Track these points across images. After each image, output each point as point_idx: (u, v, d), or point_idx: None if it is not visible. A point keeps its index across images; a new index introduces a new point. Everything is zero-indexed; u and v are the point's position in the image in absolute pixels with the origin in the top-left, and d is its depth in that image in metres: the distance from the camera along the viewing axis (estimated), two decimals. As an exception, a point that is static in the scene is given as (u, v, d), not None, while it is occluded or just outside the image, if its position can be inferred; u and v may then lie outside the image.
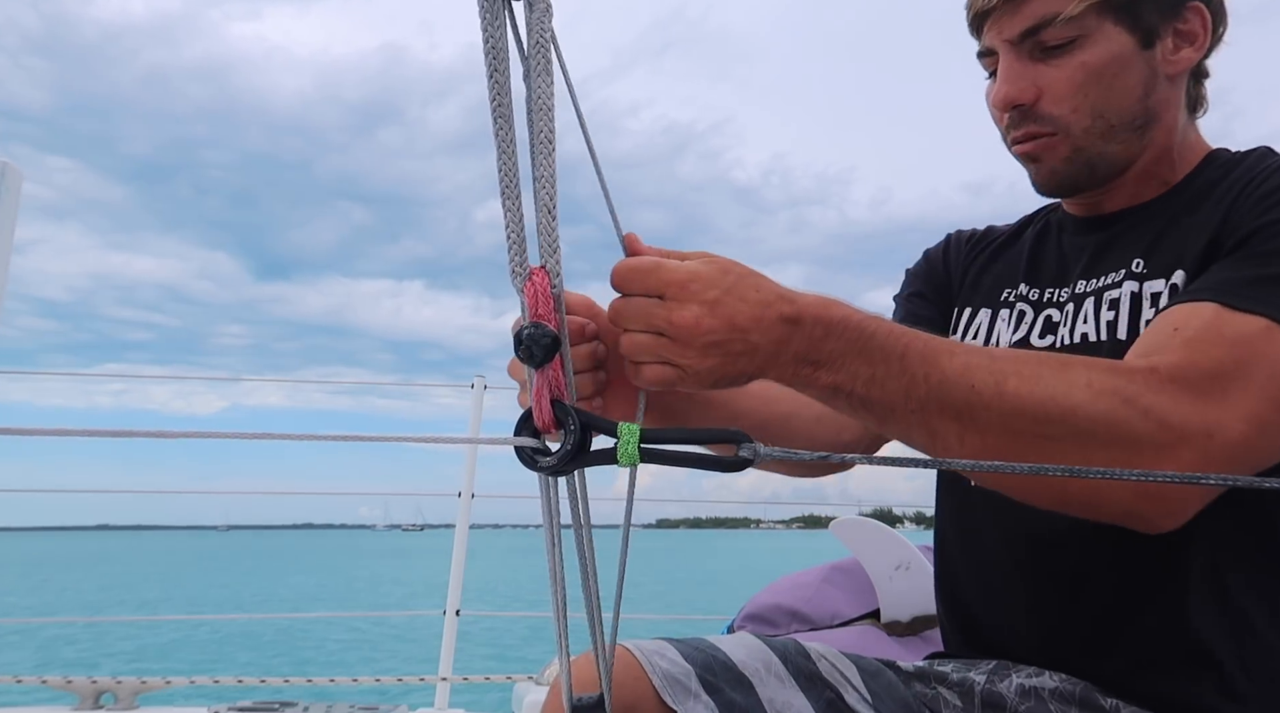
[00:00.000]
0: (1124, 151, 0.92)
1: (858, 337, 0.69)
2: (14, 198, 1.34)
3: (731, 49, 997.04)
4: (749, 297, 0.66)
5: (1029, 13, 0.89)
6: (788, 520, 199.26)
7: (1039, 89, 0.90)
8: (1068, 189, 0.96)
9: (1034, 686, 0.88)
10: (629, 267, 0.66)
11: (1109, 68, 0.88)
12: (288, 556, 55.97)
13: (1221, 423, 0.70)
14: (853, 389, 0.69)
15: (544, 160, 0.59)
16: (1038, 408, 0.69)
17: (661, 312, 0.64)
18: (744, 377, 0.68)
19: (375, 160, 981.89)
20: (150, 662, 10.72)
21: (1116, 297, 0.90)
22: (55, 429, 0.51)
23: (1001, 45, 0.92)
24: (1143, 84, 0.90)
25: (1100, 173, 0.93)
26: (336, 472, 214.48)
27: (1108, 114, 0.90)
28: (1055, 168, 0.93)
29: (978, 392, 0.69)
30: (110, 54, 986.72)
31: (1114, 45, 0.88)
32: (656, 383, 0.66)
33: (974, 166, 70.40)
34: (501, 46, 0.56)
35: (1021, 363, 0.72)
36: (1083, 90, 0.89)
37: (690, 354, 0.65)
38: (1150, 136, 0.92)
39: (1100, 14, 0.87)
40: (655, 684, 0.81)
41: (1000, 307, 1.03)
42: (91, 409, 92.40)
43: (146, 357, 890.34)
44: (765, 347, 0.66)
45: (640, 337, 0.65)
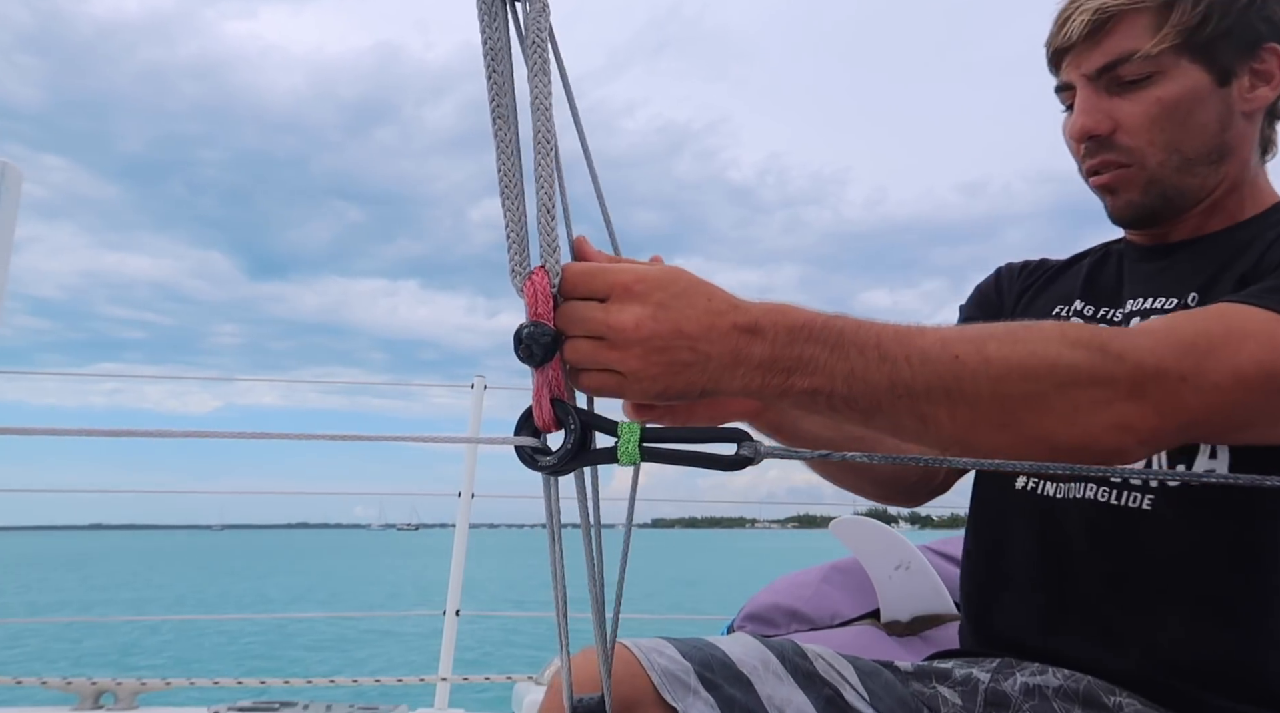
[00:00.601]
0: (1200, 184, 0.94)
1: (827, 335, 0.67)
2: (14, 198, 1.34)
3: (727, 48, 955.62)
4: (698, 304, 0.64)
5: (1108, 49, 0.92)
6: (783, 520, 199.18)
7: (1115, 122, 0.93)
8: (1145, 220, 0.98)
9: (1038, 684, 0.88)
10: (573, 270, 0.64)
11: (1184, 104, 0.91)
12: (276, 555, 56.01)
13: (1197, 372, 0.71)
14: (833, 389, 0.67)
15: (543, 160, 0.59)
16: (1021, 366, 0.69)
17: (600, 314, 0.62)
18: (694, 389, 0.65)
19: (370, 159, 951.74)
20: (141, 660, 10.71)
21: None
22: (53, 429, 0.51)
23: (1079, 80, 0.95)
24: (1218, 120, 0.92)
25: (1176, 205, 0.95)
26: (331, 472, 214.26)
27: (1183, 148, 0.92)
28: (1132, 199, 0.95)
29: (962, 361, 0.68)
30: (104, 52, 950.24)
31: (1189, 82, 0.91)
32: (598, 391, 0.64)
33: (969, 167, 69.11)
34: (500, 46, 0.56)
35: (994, 327, 0.72)
36: (1158, 124, 0.92)
37: (630, 360, 0.62)
38: (1225, 170, 0.95)
39: (1177, 53, 0.90)
40: (654, 681, 0.82)
41: (1052, 320, 1.05)
42: (85, 408, 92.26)
43: (140, 356, 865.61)
44: (718, 357, 0.64)
45: (581, 342, 0.62)
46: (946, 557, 1.63)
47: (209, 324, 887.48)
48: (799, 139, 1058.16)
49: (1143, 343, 0.72)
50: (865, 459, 0.60)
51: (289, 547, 76.84)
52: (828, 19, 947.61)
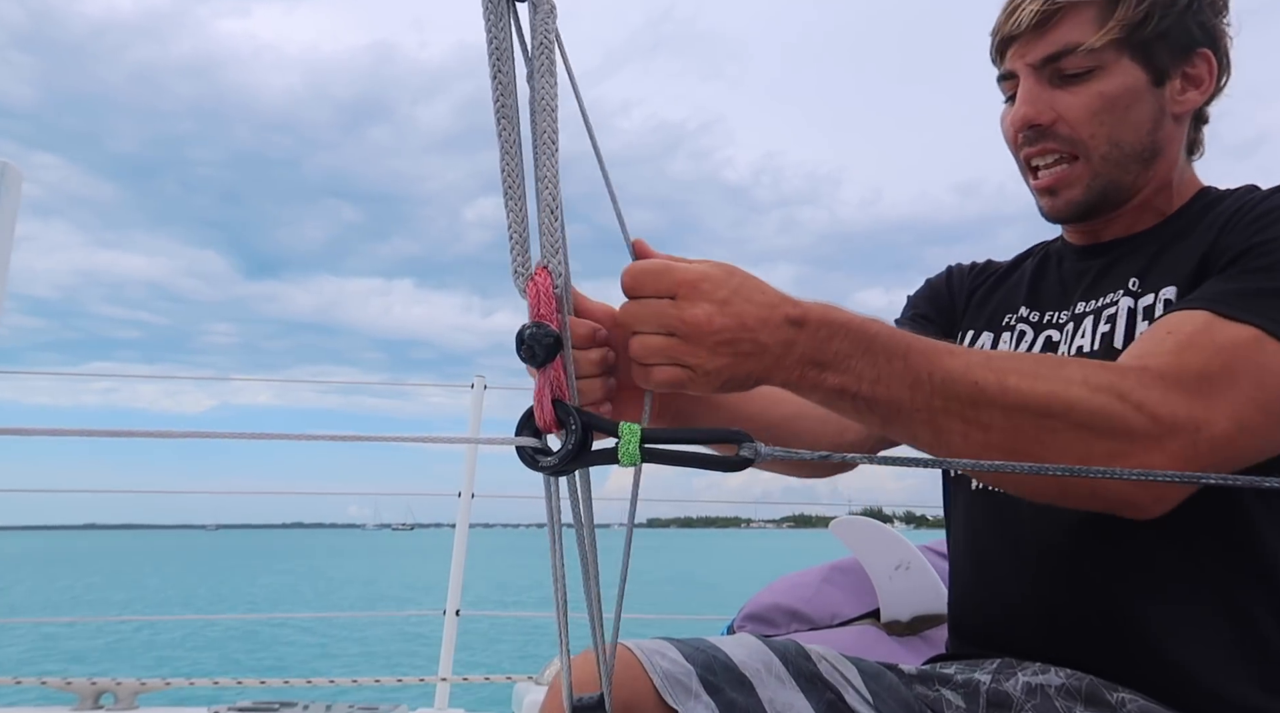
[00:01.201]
0: (1131, 182, 0.97)
1: (861, 337, 0.70)
2: (14, 198, 1.34)
3: (722, 48, 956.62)
4: (755, 298, 0.67)
5: (1053, 40, 0.94)
6: (778, 520, 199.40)
7: (1056, 113, 0.95)
8: (1081, 214, 1.00)
9: (1040, 683, 0.88)
10: (640, 268, 0.67)
11: (1123, 99, 0.93)
12: (266, 555, 55.93)
13: (1208, 419, 0.73)
14: (858, 390, 0.70)
15: (547, 160, 0.59)
16: (1039, 403, 0.71)
17: (674, 311, 0.65)
18: (751, 379, 0.68)
19: (365, 158, 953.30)
20: (140, 660, 10.71)
21: (1113, 312, 0.95)
22: (46, 429, 0.51)
23: (1023, 69, 0.96)
24: (1152, 119, 0.95)
25: (1111, 200, 0.98)
26: (326, 471, 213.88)
27: (1121, 143, 0.95)
28: (1073, 199, 0.97)
29: (981, 388, 0.71)
30: (97, 50, 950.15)
31: (1129, 79, 0.93)
32: (667, 384, 0.67)
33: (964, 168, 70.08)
34: (505, 47, 0.56)
35: (1020, 361, 0.75)
36: (1098, 117, 0.94)
37: (701, 353, 0.65)
38: (1154, 169, 0.97)
39: (1119, 49, 0.93)
40: (656, 684, 0.81)
41: (1002, 329, 1.08)
42: (78, 408, 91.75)
43: (134, 355, 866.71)
44: (772, 347, 0.67)
45: (651, 338, 0.66)
46: (946, 557, 1.64)
47: (203, 323, 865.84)
48: (794, 139, 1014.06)
49: (1156, 394, 0.73)
50: (865, 460, 0.60)
51: (284, 547, 76.79)
52: (823, 19, 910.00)
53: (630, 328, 0.67)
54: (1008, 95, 1.01)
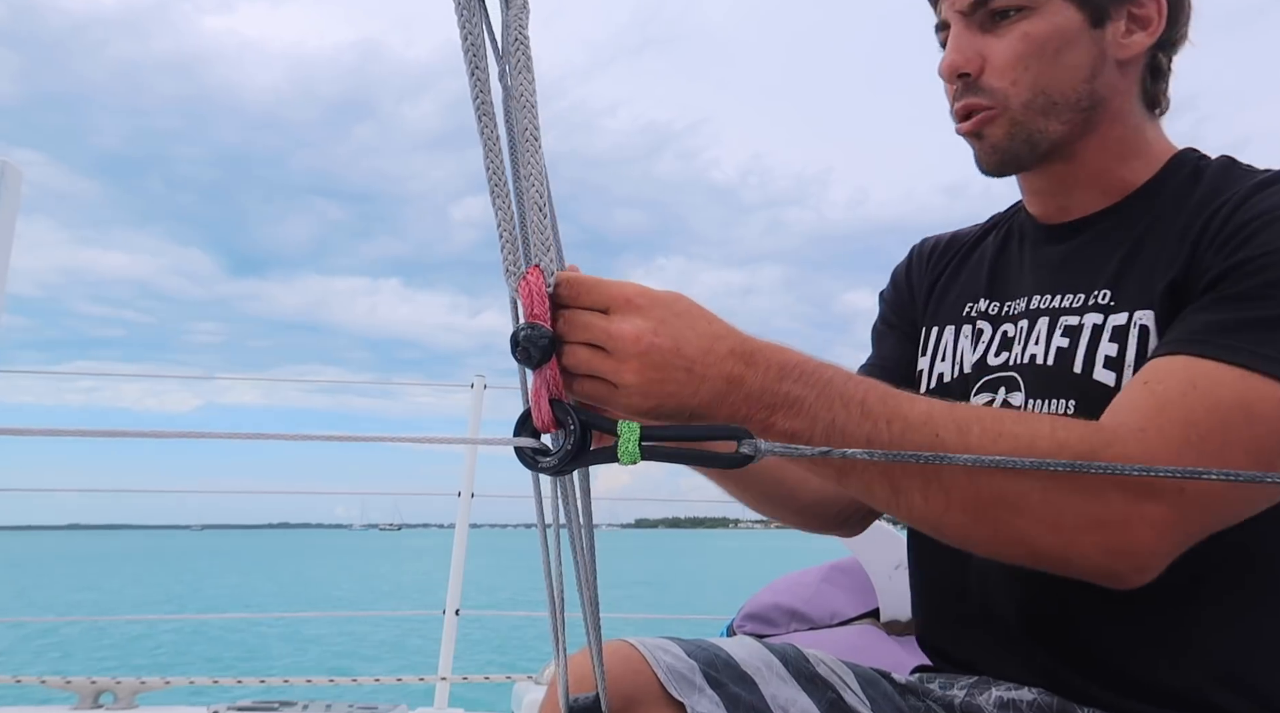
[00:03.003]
0: (1066, 131, 0.89)
1: (816, 381, 0.66)
2: (14, 197, 1.34)
3: (710, 48, 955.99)
4: (699, 326, 0.64)
5: None
6: (766, 520, 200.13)
7: (984, 60, 0.89)
8: (1010, 166, 0.93)
9: (1012, 698, 0.88)
10: (577, 279, 0.63)
11: (1052, 41, 0.87)
12: (260, 555, 55.85)
13: (1195, 481, 0.67)
14: (811, 435, 0.65)
15: (530, 157, 0.58)
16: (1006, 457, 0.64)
17: (602, 323, 0.62)
18: (684, 410, 0.64)
19: (350, 157, 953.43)
20: (137, 660, 10.71)
21: (1075, 324, 0.88)
22: (33, 429, 0.51)
23: (954, 15, 0.91)
24: (1089, 64, 0.88)
25: (1041, 149, 0.90)
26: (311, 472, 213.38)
27: (1049, 90, 0.88)
28: (996, 144, 0.90)
29: (941, 440, 0.66)
30: (78, 46, 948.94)
31: (1060, 19, 0.87)
32: (590, 398, 0.63)
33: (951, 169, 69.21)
34: (480, 44, 0.55)
35: (983, 412, 0.70)
36: (1023, 62, 0.87)
37: (625, 372, 0.62)
38: (1095, 120, 0.90)
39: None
40: (660, 678, 0.81)
41: (963, 323, 1.02)
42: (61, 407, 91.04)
43: (117, 354, 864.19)
44: (712, 381, 0.64)
45: (579, 349, 0.62)
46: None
47: (187, 322, 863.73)
48: (781, 140, 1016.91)
49: (1134, 449, 0.67)
50: (867, 456, 0.60)
51: (271, 547, 76.75)
52: (810, 20, 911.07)
53: (562, 337, 0.63)
54: (942, 44, 0.95)
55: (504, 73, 0.58)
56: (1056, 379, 0.87)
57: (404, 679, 2.72)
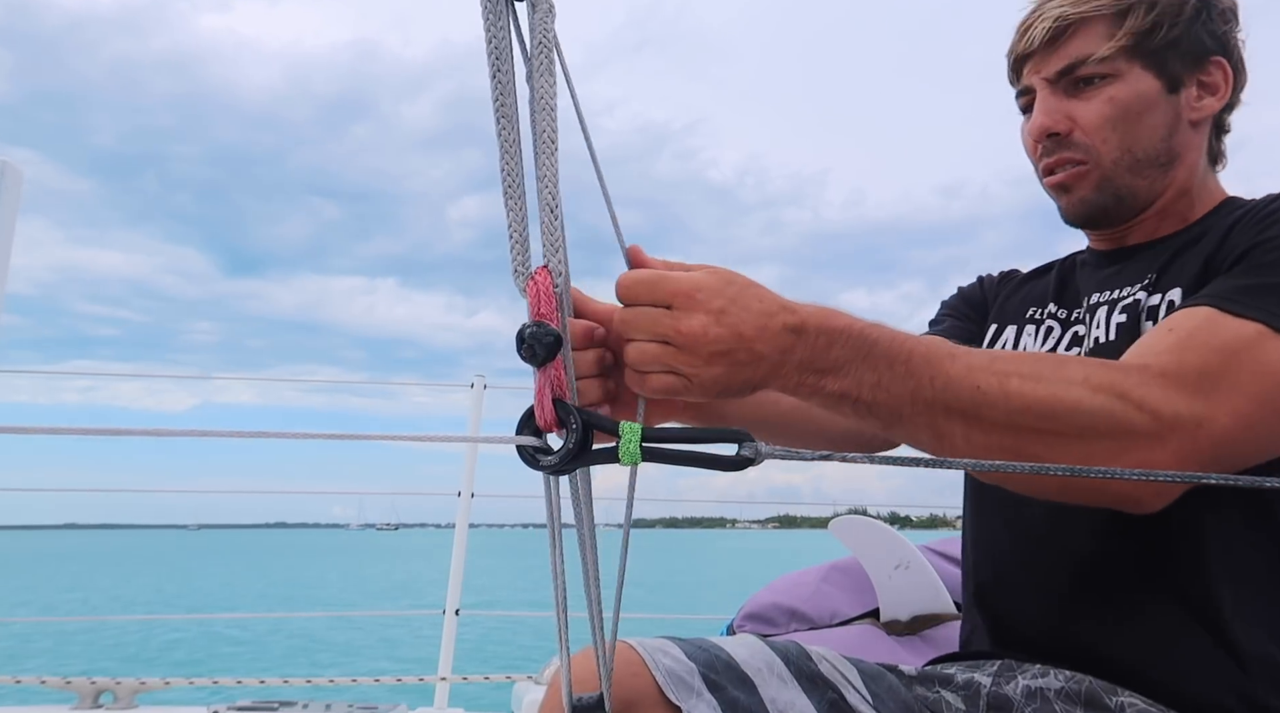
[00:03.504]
0: (1148, 187, 0.99)
1: (861, 343, 0.71)
2: (14, 197, 1.34)
3: (707, 48, 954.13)
4: (753, 306, 0.68)
5: (1066, 53, 0.98)
6: (763, 520, 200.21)
7: (1072, 122, 0.98)
8: (1096, 219, 1.02)
9: (1039, 687, 0.89)
10: (635, 278, 0.68)
11: (1135, 105, 0.96)
12: (258, 554, 55.80)
13: (1209, 416, 0.74)
14: (859, 395, 0.71)
15: (547, 160, 0.59)
16: (1041, 405, 0.72)
17: (669, 320, 0.66)
18: (748, 386, 0.69)
19: (347, 156, 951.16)
20: (133, 658, 10.70)
21: (1130, 302, 0.96)
22: (31, 427, 0.51)
23: (1039, 83, 1.00)
24: (1166, 125, 0.97)
25: (1127, 205, 0.99)
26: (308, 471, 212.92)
27: (1134, 148, 0.97)
28: (1085, 197, 0.99)
29: (983, 391, 0.72)
30: (75, 44, 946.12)
31: (1141, 86, 0.96)
32: (662, 392, 0.67)
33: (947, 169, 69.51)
34: (505, 47, 0.56)
35: (1021, 362, 0.75)
36: (1111, 123, 0.96)
37: (696, 362, 0.66)
38: (1172, 175, 0.99)
39: (1130, 58, 0.96)
40: (658, 681, 0.81)
41: (1026, 323, 1.10)
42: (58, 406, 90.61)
43: (113, 353, 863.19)
44: (770, 356, 0.68)
45: (647, 346, 0.66)
46: (946, 557, 1.64)
47: (184, 321, 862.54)
48: (778, 140, 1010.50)
49: (1156, 391, 0.74)
50: (865, 460, 0.60)
51: (268, 547, 76.67)
52: (807, 20, 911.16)
53: (626, 336, 0.68)
54: (1024, 109, 1.04)
55: (529, 74, 0.59)
56: (1118, 353, 0.92)
57: (404, 679, 2.72)
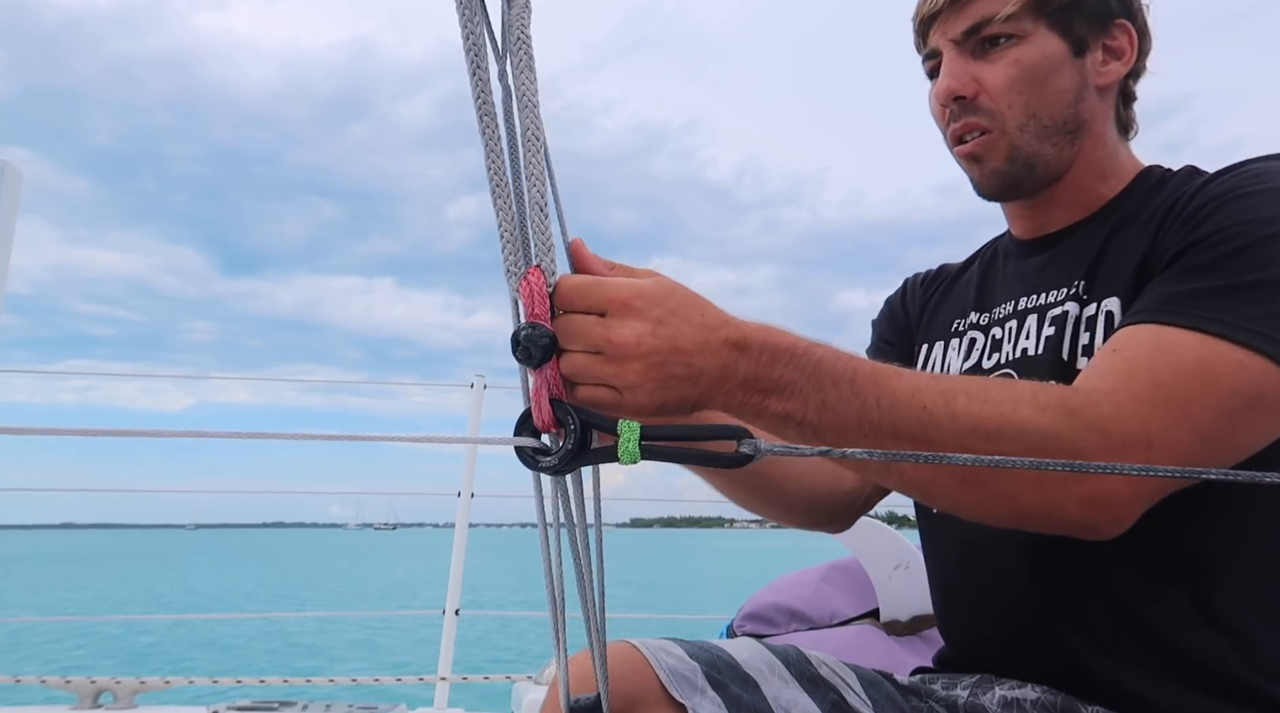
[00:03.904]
0: (1057, 154, 0.95)
1: (806, 362, 0.68)
2: (14, 196, 1.34)
3: (705, 47, 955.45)
4: (694, 319, 0.65)
5: (971, 13, 0.94)
6: (761, 520, 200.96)
7: (978, 84, 0.95)
8: (1010, 190, 0.98)
9: (1016, 697, 0.88)
10: (571, 283, 0.63)
11: (1041, 67, 0.93)
12: (256, 554, 55.78)
13: (1161, 433, 0.71)
14: (804, 416, 0.68)
15: (533, 157, 0.58)
16: (989, 424, 0.69)
17: (600, 329, 0.62)
18: (686, 404, 0.66)
19: (345, 155, 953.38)
20: (120, 659, 10.71)
21: (1059, 314, 0.93)
22: (29, 428, 0.51)
23: (946, 44, 0.97)
24: (1073, 89, 0.95)
25: (1038, 173, 0.96)
26: (305, 471, 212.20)
27: (1040, 113, 0.94)
28: (996, 168, 0.96)
29: (929, 412, 0.69)
30: (72, 43, 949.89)
31: (1047, 48, 0.93)
32: (593, 405, 0.63)
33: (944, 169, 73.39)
34: (481, 43, 0.55)
35: (967, 382, 0.73)
36: (1016, 87, 0.93)
37: (628, 376, 0.62)
38: (1080, 144, 0.96)
39: (1035, 17, 0.93)
40: (662, 679, 0.81)
41: (951, 337, 1.07)
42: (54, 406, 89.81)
43: (110, 352, 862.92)
44: (709, 372, 0.65)
45: (577, 357, 0.62)
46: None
47: (181, 321, 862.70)
48: (776, 139, 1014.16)
49: (1107, 409, 0.72)
50: (865, 455, 0.60)
51: (266, 546, 76.63)
52: (805, 19, 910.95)
53: (561, 344, 0.62)
54: (930, 73, 1.01)
55: (504, 72, 0.58)
56: (1048, 366, 0.91)
57: (404, 679, 2.72)
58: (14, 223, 1.40)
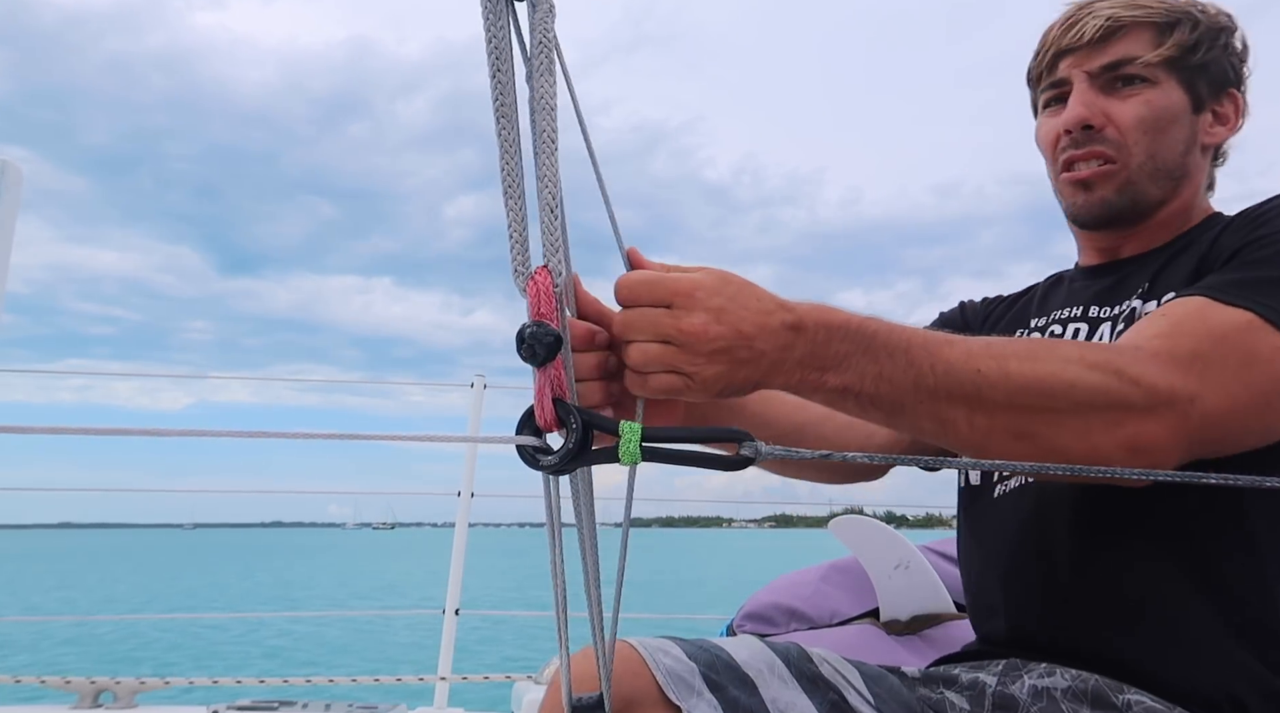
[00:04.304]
0: (1160, 198, 1.01)
1: (860, 336, 0.72)
2: (14, 196, 1.34)
3: (703, 46, 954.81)
4: (751, 305, 0.69)
5: (1114, 51, 1.00)
6: (759, 520, 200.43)
7: (1106, 118, 1.00)
8: (1110, 221, 1.03)
9: (1046, 686, 0.89)
10: (635, 278, 0.68)
11: (1166, 115, 0.99)
12: (255, 554, 55.75)
13: (1200, 394, 0.77)
14: (861, 388, 0.72)
15: (546, 159, 0.59)
16: (1040, 384, 0.74)
17: (669, 320, 0.66)
18: (749, 384, 0.70)
19: (342, 154, 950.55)
20: (118, 659, 10.70)
21: (1126, 313, 0.98)
22: (45, 427, 0.51)
23: (1080, 76, 1.01)
24: (1185, 141, 1.01)
25: (1139, 210, 1.01)
26: (303, 470, 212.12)
27: (1158, 156, 0.99)
28: (1106, 197, 1.01)
29: (984, 375, 0.73)
30: (70, 41, 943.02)
31: (1173, 98, 1.00)
32: (664, 392, 0.68)
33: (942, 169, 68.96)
34: (505, 46, 0.56)
35: (1017, 345, 0.77)
36: (1144, 126, 0.99)
37: (698, 361, 0.66)
38: (1180, 192, 1.03)
39: (1169, 70, 0.99)
40: (659, 681, 0.81)
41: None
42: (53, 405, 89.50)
43: (109, 351, 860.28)
44: (769, 353, 0.69)
45: (649, 346, 0.67)
46: (946, 556, 1.64)
47: (179, 320, 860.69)
48: (775, 139, 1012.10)
49: (1152, 367, 0.76)
50: (866, 459, 0.60)
51: (264, 545, 76.58)
52: (803, 18, 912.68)
53: (626, 337, 0.68)
54: (1045, 104, 1.06)
55: (529, 74, 0.59)
56: None
57: (404, 679, 2.72)
58: (14, 222, 1.40)
